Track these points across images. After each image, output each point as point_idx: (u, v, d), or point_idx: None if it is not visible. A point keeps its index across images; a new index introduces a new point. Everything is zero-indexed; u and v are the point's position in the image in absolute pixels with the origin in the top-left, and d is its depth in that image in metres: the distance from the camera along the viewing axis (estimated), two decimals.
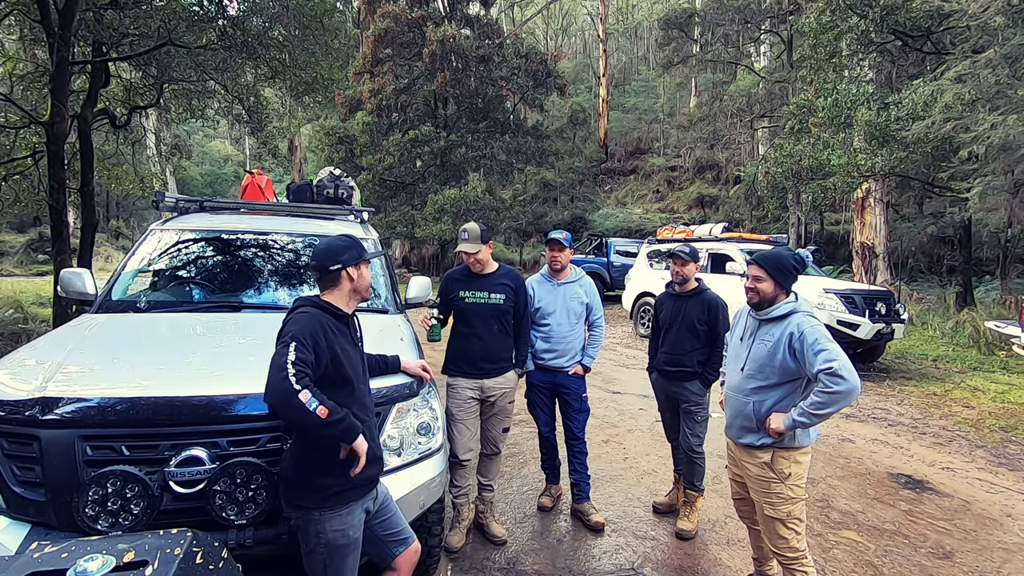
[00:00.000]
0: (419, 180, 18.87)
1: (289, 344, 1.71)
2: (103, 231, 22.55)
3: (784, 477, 2.32)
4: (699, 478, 3.36)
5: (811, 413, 2.16)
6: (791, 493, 2.32)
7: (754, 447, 2.39)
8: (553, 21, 37.86)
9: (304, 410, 1.62)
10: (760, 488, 2.39)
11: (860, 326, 7.07)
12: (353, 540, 1.84)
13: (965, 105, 7.39)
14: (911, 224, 15.02)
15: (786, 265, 2.35)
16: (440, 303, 3.07)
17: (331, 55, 8.10)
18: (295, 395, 1.62)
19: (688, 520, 3.29)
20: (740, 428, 2.44)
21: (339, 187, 4.34)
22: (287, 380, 1.63)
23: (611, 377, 7.17)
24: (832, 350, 2.16)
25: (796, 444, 2.31)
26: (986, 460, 4.65)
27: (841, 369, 2.11)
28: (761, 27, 19.89)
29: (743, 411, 2.41)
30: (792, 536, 2.33)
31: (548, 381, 3.37)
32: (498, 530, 3.14)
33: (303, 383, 1.64)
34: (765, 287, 2.36)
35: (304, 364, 1.68)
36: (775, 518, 2.34)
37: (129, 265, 3.23)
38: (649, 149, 28.26)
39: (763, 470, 2.36)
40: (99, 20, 6.53)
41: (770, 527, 2.38)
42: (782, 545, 2.35)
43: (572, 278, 3.39)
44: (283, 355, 1.68)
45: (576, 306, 3.34)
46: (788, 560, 2.35)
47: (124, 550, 1.29)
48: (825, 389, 2.12)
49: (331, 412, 1.67)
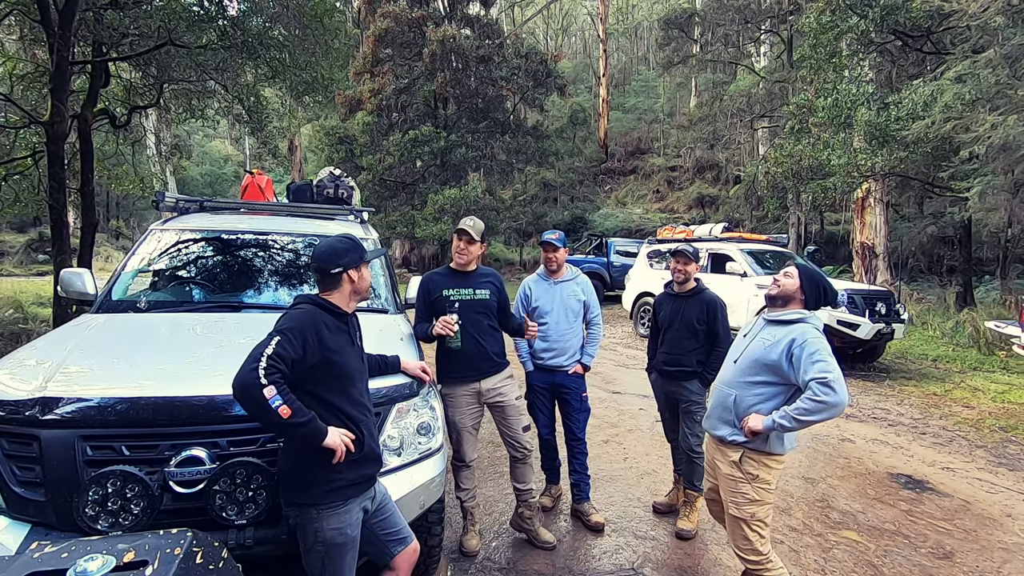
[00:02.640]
0: (419, 180, 18.85)
1: (273, 338, 1.71)
2: (103, 231, 22.55)
3: (751, 478, 2.32)
4: (699, 478, 3.35)
5: (794, 417, 2.16)
6: (756, 495, 2.32)
7: (725, 441, 2.40)
8: (553, 21, 37.84)
9: (264, 404, 1.62)
10: (727, 486, 2.40)
11: (860, 326, 7.07)
12: (351, 539, 1.85)
13: (965, 105, 7.39)
14: (911, 224, 15.02)
15: (819, 282, 2.37)
16: (422, 307, 2.94)
17: (331, 55, 8.10)
18: (260, 388, 1.62)
19: (688, 520, 3.29)
20: (717, 419, 2.46)
21: (339, 187, 4.33)
22: (256, 372, 1.63)
23: (611, 377, 7.17)
24: (829, 363, 2.16)
25: (768, 449, 2.31)
26: (986, 460, 4.65)
27: (834, 382, 2.11)
28: (761, 27, 19.88)
29: (724, 402, 2.42)
30: (756, 539, 2.32)
31: (548, 381, 3.36)
32: (547, 536, 3.06)
33: (271, 378, 1.64)
34: (789, 284, 2.36)
35: (280, 360, 1.68)
36: (739, 518, 2.34)
37: (129, 265, 3.23)
38: (649, 149, 28.26)
39: (732, 468, 2.37)
40: (99, 20, 6.53)
41: (734, 527, 2.38)
42: (745, 547, 2.34)
43: (568, 276, 3.39)
44: (262, 347, 1.68)
45: (573, 304, 3.34)
46: (752, 564, 2.34)
47: (124, 550, 1.29)
48: (814, 397, 2.13)
49: (294, 413, 1.65)
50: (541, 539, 3.02)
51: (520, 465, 3.03)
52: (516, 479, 3.06)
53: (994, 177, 8.98)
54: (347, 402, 1.87)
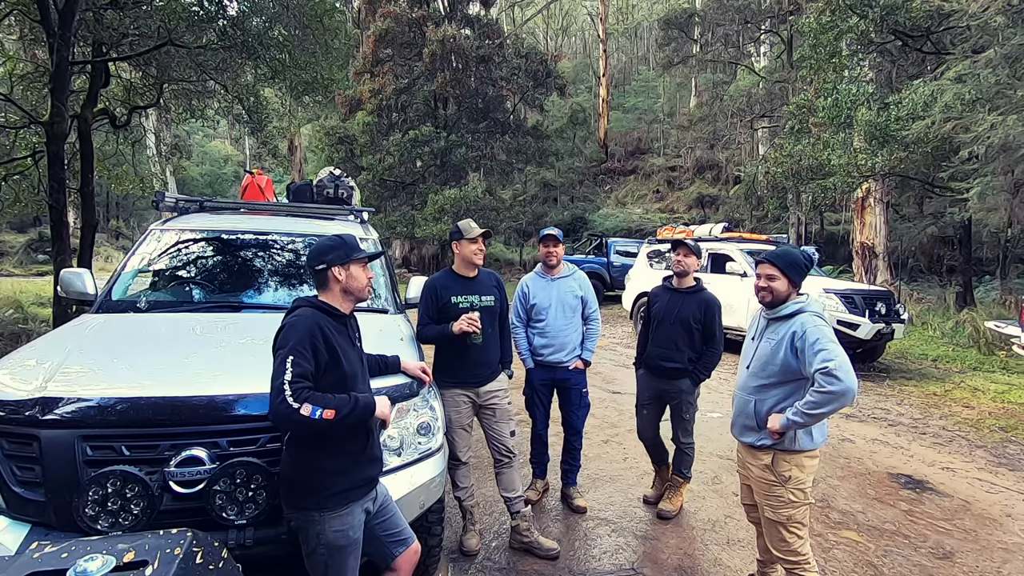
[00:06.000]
0: (419, 180, 18.86)
1: (286, 360, 1.71)
2: (103, 231, 22.55)
3: (784, 480, 2.29)
4: (687, 466, 3.48)
5: (805, 413, 2.14)
6: (792, 497, 2.29)
7: (755, 447, 2.37)
8: (553, 21, 37.85)
9: (309, 423, 1.66)
10: (761, 490, 2.37)
11: (860, 326, 7.07)
12: (354, 541, 1.85)
13: (965, 105, 7.39)
14: (911, 224, 15.01)
15: (798, 261, 2.34)
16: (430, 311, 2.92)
17: (331, 55, 8.09)
18: (296, 412, 1.65)
19: (670, 502, 3.37)
20: (742, 426, 2.43)
21: (339, 187, 4.34)
22: (285, 402, 1.65)
23: (611, 377, 7.17)
24: (832, 350, 2.13)
25: (797, 447, 2.28)
26: (986, 460, 4.65)
27: (837, 369, 2.08)
28: (761, 27, 19.89)
29: (745, 409, 2.40)
30: (794, 540, 2.31)
31: (548, 378, 3.38)
32: (549, 543, 2.99)
33: (301, 398, 1.66)
34: (779, 285, 2.33)
35: (301, 377, 1.70)
36: (776, 521, 2.32)
37: (129, 265, 3.22)
38: (649, 149, 28.26)
39: (764, 472, 2.34)
40: (99, 20, 6.53)
41: (772, 530, 2.36)
42: (783, 548, 2.33)
43: (566, 273, 3.43)
44: (280, 375, 1.69)
45: (571, 300, 3.37)
46: (791, 564, 2.33)
47: (124, 550, 1.29)
48: (820, 388, 2.10)
49: (338, 410, 1.69)
50: (544, 548, 2.97)
51: (506, 470, 3.02)
52: (504, 487, 3.03)
53: (994, 177, 8.97)
54: None
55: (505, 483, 3.02)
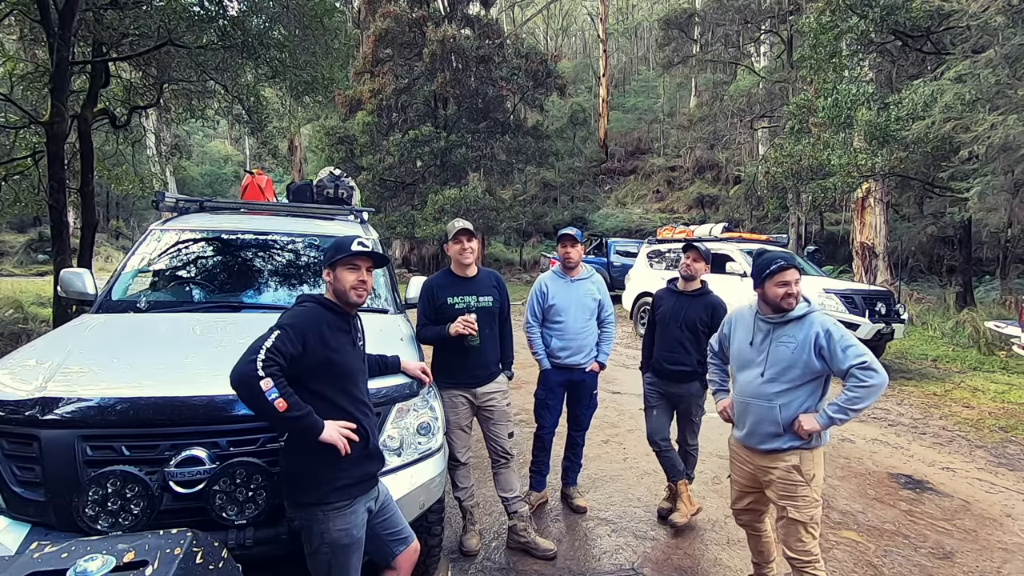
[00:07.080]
0: (419, 180, 18.86)
1: (273, 332, 1.73)
2: (103, 231, 22.55)
3: (810, 479, 2.31)
4: (691, 467, 3.51)
5: (847, 408, 2.18)
6: (815, 495, 2.32)
7: (781, 451, 2.34)
8: (553, 21, 37.85)
9: (261, 396, 1.63)
10: (786, 492, 2.33)
11: (860, 326, 7.07)
12: (357, 539, 1.85)
13: (965, 105, 7.39)
14: (911, 224, 15.02)
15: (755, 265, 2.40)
16: (427, 311, 2.91)
17: (331, 55, 8.10)
18: (257, 380, 1.63)
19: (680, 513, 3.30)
20: (765, 435, 2.36)
21: (339, 187, 4.33)
22: (253, 363, 1.64)
23: (611, 377, 7.16)
24: (859, 345, 2.20)
25: (820, 444, 2.33)
26: (986, 460, 4.65)
27: (873, 363, 2.16)
28: (761, 27, 19.90)
29: (769, 416, 2.33)
30: (810, 540, 2.32)
31: (564, 379, 3.37)
32: (545, 544, 2.98)
33: (269, 371, 1.65)
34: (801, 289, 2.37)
35: (279, 353, 1.69)
36: (800, 521, 2.31)
37: (129, 265, 3.22)
38: (649, 149, 28.28)
39: (790, 473, 2.32)
40: (99, 20, 6.54)
41: (792, 531, 2.33)
42: (799, 548, 2.32)
43: (585, 275, 3.40)
44: (262, 340, 1.70)
45: (589, 303, 3.36)
46: (804, 564, 2.33)
47: (124, 550, 1.29)
48: (861, 384, 2.15)
49: (290, 407, 1.66)
50: (541, 548, 2.97)
51: (503, 470, 3.03)
52: (501, 487, 3.03)
53: (994, 177, 8.98)
54: (348, 400, 1.88)
55: (503, 483, 3.03)
